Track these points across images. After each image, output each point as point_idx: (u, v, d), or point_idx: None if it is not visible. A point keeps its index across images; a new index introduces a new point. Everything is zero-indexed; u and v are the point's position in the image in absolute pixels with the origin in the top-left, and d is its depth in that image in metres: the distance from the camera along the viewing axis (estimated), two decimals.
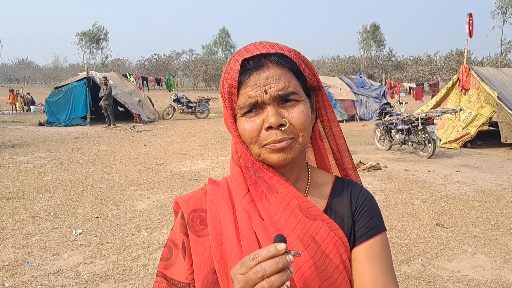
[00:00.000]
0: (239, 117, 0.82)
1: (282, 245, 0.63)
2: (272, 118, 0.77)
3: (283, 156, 0.80)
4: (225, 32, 72.81)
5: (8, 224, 4.75)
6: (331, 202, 0.88)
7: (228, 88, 0.80)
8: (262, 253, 0.63)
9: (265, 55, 0.79)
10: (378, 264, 0.83)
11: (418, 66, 55.15)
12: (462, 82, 10.65)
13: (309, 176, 0.91)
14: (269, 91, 0.77)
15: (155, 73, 55.70)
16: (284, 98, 0.79)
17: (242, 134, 0.82)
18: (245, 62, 0.79)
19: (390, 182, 6.88)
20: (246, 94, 0.78)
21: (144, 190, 6.31)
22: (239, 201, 0.84)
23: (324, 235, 0.81)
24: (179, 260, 0.86)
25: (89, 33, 76.91)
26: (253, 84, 0.78)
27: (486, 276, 3.59)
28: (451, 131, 10.67)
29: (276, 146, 0.79)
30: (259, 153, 0.81)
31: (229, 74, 0.80)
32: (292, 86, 0.79)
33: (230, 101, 0.81)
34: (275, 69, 0.79)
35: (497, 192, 6.31)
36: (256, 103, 0.78)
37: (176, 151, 9.95)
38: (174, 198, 0.92)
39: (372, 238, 0.85)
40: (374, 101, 18.59)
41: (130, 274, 3.57)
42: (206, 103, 19.24)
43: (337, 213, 0.87)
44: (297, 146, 0.81)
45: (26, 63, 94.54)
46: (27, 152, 9.61)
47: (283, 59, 0.80)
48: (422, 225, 4.83)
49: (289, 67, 0.80)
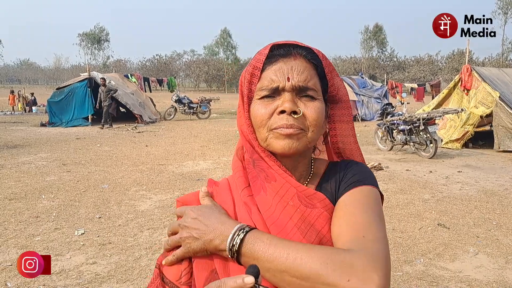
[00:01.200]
0: (255, 100, 0.82)
1: (250, 279, 0.60)
2: (287, 104, 0.78)
3: (289, 144, 0.79)
4: (226, 33, 72.84)
5: (11, 225, 4.76)
6: (322, 180, 0.88)
7: (252, 70, 0.82)
8: (228, 282, 0.62)
9: (294, 47, 0.82)
10: (359, 207, 0.78)
11: (420, 66, 55.14)
12: (464, 82, 10.65)
13: (311, 171, 0.91)
14: (291, 79, 0.79)
15: (156, 73, 55.77)
16: (303, 91, 0.81)
17: (254, 116, 0.82)
18: (275, 49, 0.82)
19: (392, 183, 6.88)
20: (269, 78, 0.80)
21: (146, 190, 6.32)
22: (239, 195, 0.84)
23: (323, 222, 0.79)
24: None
25: (90, 34, 77.07)
26: (277, 70, 0.80)
27: (488, 276, 3.58)
28: (452, 131, 10.66)
29: (284, 131, 0.79)
30: (265, 137, 0.81)
31: (257, 56, 0.83)
32: (312, 82, 0.82)
33: (250, 83, 0.82)
34: (301, 61, 0.82)
35: (499, 192, 6.30)
36: (277, 89, 0.80)
37: (177, 151, 9.96)
38: (176, 199, 0.92)
39: (356, 188, 0.82)
40: (375, 101, 18.59)
41: (132, 274, 3.57)
42: (207, 104, 19.27)
43: (326, 189, 0.85)
44: (304, 139, 0.81)
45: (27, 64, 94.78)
46: (29, 152, 9.63)
47: (311, 54, 0.83)
48: (424, 226, 4.83)
49: (315, 64, 0.83)
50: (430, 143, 9.09)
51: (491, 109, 9.89)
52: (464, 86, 10.68)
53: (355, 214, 0.77)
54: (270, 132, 0.80)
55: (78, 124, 15.71)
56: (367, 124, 16.43)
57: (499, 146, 9.80)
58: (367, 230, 0.74)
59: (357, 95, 18.12)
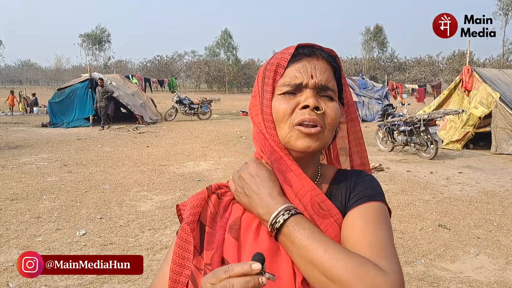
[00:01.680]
0: (276, 95, 0.84)
1: (257, 265, 0.61)
2: (311, 99, 0.81)
3: (308, 143, 0.81)
4: (227, 34, 72.88)
5: (12, 225, 4.78)
6: (331, 189, 0.89)
7: (275, 67, 0.85)
8: (235, 268, 0.63)
9: (318, 49, 0.86)
10: (372, 224, 0.78)
11: (420, 67, 55.16)
12: (464, 83, 10.66)
13: (319, 173, 0.92)
14: (315, 77, 0.83)
15: (157, 74, 55.82)
16: (324, 91, 0.84)
17: (275, 111, 0.83)
18: (299, 48, 0.85)
19: (392, 184, 6.88)
20: (293, 74, 0.83)
21: (147, 191, 6.33)
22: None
23: (332, 234, 0.80)
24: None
25: (91, 35, 77.17)
26: (301, 67, 0.83)
27: (489, 277, 3.59)
28: (453, 132, 10.66)
29: (306, 130, 0.80)
30: (286, 135, 0.82)
31: (280, 55, 0.86)
32: (332, 83, 0.85)
33: (273, 79, 0.84)
34: (323, 62, 0.85)
35: (499, 193, 6.31)
36: (300, 85, 0.82)
37: (178, 152, 9.97)
38: (176, 202, 0.93)
39: (365, 203, 0.81)
40: (376, 102, 18.59)
41: (133, 274, 3.58)
42: (208, 105, 19.27)
43: (336, 198, 0.86)
44: (322, 138, 0.83)
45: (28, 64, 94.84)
46: (30, 153, 9.64)
47: (331, 58, 0.87)
48: (424, 226, 4.83)
49: (334, 68, 0.88)
50: (431, 144, 9.10)
51: (491, 109, 9.89)
52: (464, 87, 10.68)
53: (372, 232, 0.77)
54: (292, 128, 0.82)
55: (79, 124, 15.72)
56: (368, 125, 16.43)
57: (496, 149, 9.81)
58: (388, 250, 0.74)
59: (357, 96, 18.12)
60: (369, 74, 53.81)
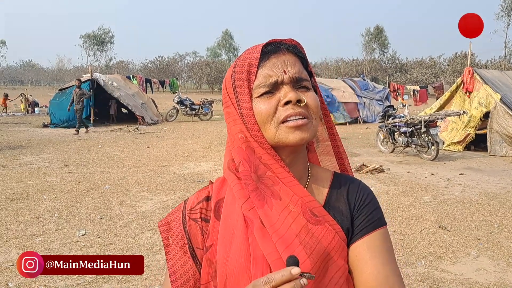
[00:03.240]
0: (254, 98, 0.83)
1: (296, 270, 0.61)
2: (291, 93, 0.80)
3: (301, 135, 0.80)
4: (228, 34, 73.04)
5: (12, 225, 4.78)
6: (330, 197, 0.88)
7: (247, 67, 0.83)
8: (276, 277, 0.62)
9: (281, 43, 0.86)
10: (379, 257, 0.82)
11: (422, 68, 55.08)
12: (466, 85, 10.64)
13: (309, 171, 0.91)
14: (287, 72, 0.82)
15: (158, 75, 55.80)
16: (299, 82, 0.83)
17: (258, 113, 0.82)
18: (263, 47, 0.84)
19: (393, 185, 6.87)
20: (265, 74, 0.82)
21: (147, 191, 6.33)
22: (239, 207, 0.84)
23: (329, 239, 0.80)
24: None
25: (93, 35, 77.30)
26: (271, 65, 0.82)
27: (489, 279, 3.58)
28: (454, 133, 10.65)
29: (294, 123, 0.80)
30: (274, 134, 0.81)
31: (248, 55, 0.84)
32: (304, 73, 0.85)
33: (248, 80, 0.83)
34: (290, 55, 0.85)
35: (500, 195, 6.29)
36: (276, 83, 0.81)
37: (179, 153, 9.97)
38: (158, 223, 0.95)
39: (373, 232, 0.84)
40: (377, 103, 18.58)
41: (133, 275, 3.58)
42: (209, 105, 19.28)
43: (335, 209, 0.86)
44: (312, 127, 0.83)
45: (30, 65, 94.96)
46: (31, 153, 9.65)
47: (295, 48, 0.87)
48: (425, 228, 4.82)
49: (301, 57, 0.87)
50: (432, 145, 9.08)
51: (489, 109, 9.88)
52: (466, 89, 10.66)
53: (377, 267, 0.81)
54: (278, 127, 0.81)
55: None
56: (369, 126, 16.43)
57: (491, 150, 9.81)
58: (400, 285, 0.81)
59: (359, 97, 18.12)
60: (370, 76, 53.80)
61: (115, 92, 16.41)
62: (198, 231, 0.89)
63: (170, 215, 0.94)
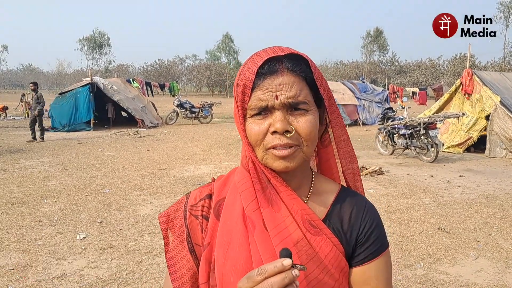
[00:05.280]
0: (248, 118, 0.82)
1: (288, 261, 0.63)
2: (278, 124, 0.77)
3: (285, 164, 0.79)
4: (228, 38, 73.01)
5: (13, 229, 4.79)
6: (331, 212, 0.87)
7: (242, 88, 0.80)
8: (268, 268, 0.63)
9: (280, 61, 0.79)
10: (382, 279, 0.85)
11: (421, 70, 55.16)
12: (465, 87, 10.66)
13: (312, 183, 0.90)
14: (280, 97, 0.78)
15: (158, 78, 55.92)
16: (294, 106, 0.79)
17: (248, 135, 0.81)
18: (260, 66, 0.79)
19: (392, 187, 6.88)
20: (257, 97, 0.79)
21: (147, 195, 6.34)
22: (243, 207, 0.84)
23: (326, 250, 0.81)
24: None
25: (90, 39, 77.38)
26: (265, 88, 0.78)
27: (488, 281, 3.59)
28: (454, 135, 10.66)
29: (279, 152, 0.78)
30: (262, 157, 0.81)
31: (244, 75, 0.80)
32: (303, 95, 0.79)
33: (242, 101, 0.81)
34: (289, 76, 0.79)
35: (500, 197, 6.30)
36: (266, 107, 0.78)
37: (179, 156, 9.99)
38: (158, 215, 0.96)
39: (378, 257, 0.85)
40: (376, 106, 18.60)
41: (133, 278, 3.59)
42: (209, 108, 19.32)
43: (335, 226, 0.86)
44: (300, 155, 0.80)
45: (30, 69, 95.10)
46: (31, 157, 9.67)
47: (298, 67, 0.80)
48: (424, 230, 4.83)
49: (303, 76, 0.80)
50: (431, 147, 9.10)
51: (489, 112, 9.90)
52: (465, 90, 10.69)
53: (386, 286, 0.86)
54: (266, 152, 0.80)
55: (80, 128, 15.77)
56: (368, 128, 16.44)
57: (490, 152, 9.82)
58: None
59: (358, 100, 18.14)
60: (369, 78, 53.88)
61: (115, 95, 16.44)
62: (198, 228, 0.90)
63: (171, 208, 0.94)
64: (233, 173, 0.94)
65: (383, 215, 5.33)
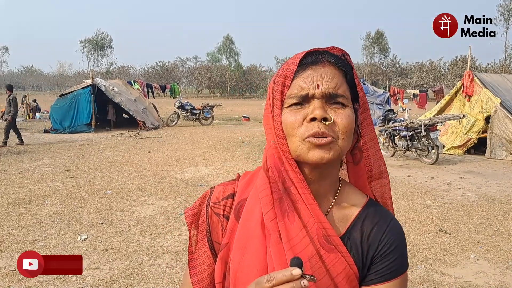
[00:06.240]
0: (285, 108, 0.81)
1: (297, 271, 0.63)
2: (318, 110, 0.77)
3: (321, 155, 0.77)
4: (229, 39, 73.12)
5: (14, 230, 4.80)
6: (352, 227, 0.85)
7: (283, 79, 0.81)
8: (277, 276, 0.63)
9: (323, 54, 0.82)
10: None
11: (422, 72, 55.15)
12: (465, 89, 10.68)
13: (337, 193, 0.88)
14: (321, 86, 0.78)
15: (159, 80, 56.00)
16: (333, 98, 0.79)
17: (284, 124, 0.80)
18: (303, 58, 0.81)
19: (393, 189, 6.89)
20: (298, 85, 0.79)
21: (148, 196, 6.36)
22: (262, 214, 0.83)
23: (339, 269, 0.79)
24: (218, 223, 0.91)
25: (92, 41, 77.51)
26: (306, 77, 0.79)
27: (489, 282, 3.59)
28: (455, 137, 10.67)
29: (316, 140, 0.77)
30: (296, 148, 0.79)
31: (286, 66, 0.82)
32: (342, 89, 0.80)
33: (281, 92, 0.81)
34: (330, 68, 0.80)
35: (500, 198, 6.31)
36: (306, 96, 0.79)
37: (180, 157, 10.00)
38: (177, 208, 0.97)
39: (393, 280, 0.81)
40: (377, 107, 18.60)
41: (134, 279, 3.60)
42: (210, 110, 19.32)
43: (354, 243, 0.83)
44: (336, 147, 0.79)
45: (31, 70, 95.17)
46: (32, 158, 9.69)
47: (340, 61, 0.82)
48: (425, 231, 4.84)
49: (344, 71, 0.82)
50: (432, 149, 9.10)
51: (489, 114, 9.91)
52: (465, 92, 10.70)
53: None
54: (302, 141, 0.78)
55: (81, 130, 15.78)
56: None
57: (490, 153, 9.82)
58: None
59: None
60: (370, 80, 53.89)
61: (116, 97, 16.46)
62: (219, 226, 0.90)
63: (196, 203, 0.94)
64: (257, 173, 0.91)
65: None
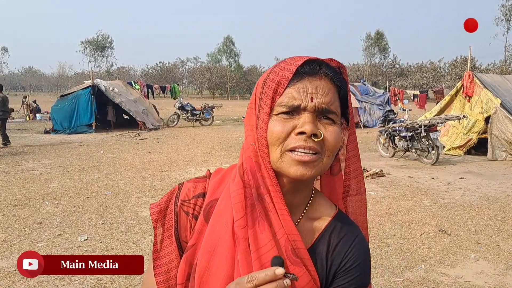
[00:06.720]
0: (273, 115, 0.77)
1: (280, 270, 0.63)
2: (308, 125, 0.74)
3: (303, 172, 0.75)
4: (229, 40, 73.11)
5: (15, 231, 4.81)
6: (320, 239, 0.83)
7: (276, 85, 0.77)
8: (259, 276, 0.63)
9: (321, 65, 0.78)
10: None
11: (422, 73, 55.17)
12: (466, 89, 10.67)
13: (308, 203, 0.86)
14: (315, 99, 0.75)
15: (160, 80, 56.05)
16: (325, 113, 0.77)
17: (270, 132, 0.76)
18: (300, 66, 0.77)
19: (393, 189, 6.89)
20: (291, 95, 0.76)
21: (148, 197, 6.36)
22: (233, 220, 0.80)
23: (303, 283, 0.76)
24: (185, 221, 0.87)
25: (93, 41, 77.57)
26: (301, 88, 0.76)
27: (489, 282, 3.59)
28: (455, 138, 10.67)
29: (301, 157, 0.74)
30: (277, 159, 0.76)
31: (279, 72, 0.78)
32: (335, 105, 0.78)
33: (272, 98, 0.77)
34: (326, 82, 0.77)
35: (500, 199, 6.31)
36: (298, 107, 0.75)
37: (180, 158, 10.01)
38: (150, 204, 0.93)
39: None
40: (377, 108, 18.62)
41: (134, 279, 3.60)
42: (210, 111, 19.34)
43: (320, 257, 0.82)
44: (320, 165, 0.76)
45: (32, 71, 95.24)
46: (33, 159, 9.69)
47: (336, 76, 0.79)
48: (425, 232, 4.84)
49: (339, 87, 0.80)
50: (432, 150, 9.10)
51: (489, 114, 9.91)
52: (466, 93, 10.70)
53: None
54: (284, 153, 0.75)
55: (81, 131, 15.79)
56: (369, 131, 16.46)
57: (492, 154, 9.82)
58: None
59: (359, 102, 18.16)
60: (370, 80, 53.90)
61: (117, 98, 16.47)
62: (187, 225, 0.86)
63: (163, 199, 0.89)
64: (230, 172, 0.89)
65: (384, 217, 5.34)
